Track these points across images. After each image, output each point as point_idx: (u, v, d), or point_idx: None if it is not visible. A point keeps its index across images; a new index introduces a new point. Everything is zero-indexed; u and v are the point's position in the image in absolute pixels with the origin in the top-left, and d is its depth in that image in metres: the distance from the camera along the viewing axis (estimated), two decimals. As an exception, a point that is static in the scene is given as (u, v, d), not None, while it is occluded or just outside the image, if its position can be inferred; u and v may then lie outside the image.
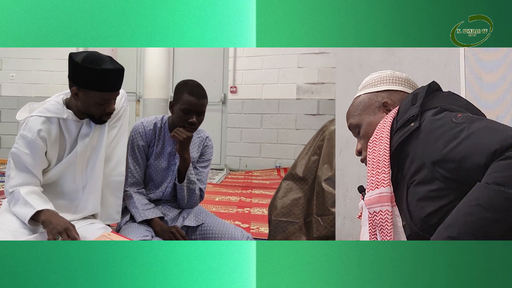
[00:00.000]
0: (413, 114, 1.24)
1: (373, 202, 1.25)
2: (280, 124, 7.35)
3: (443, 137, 1.14)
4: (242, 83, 7.61)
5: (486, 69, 2.12)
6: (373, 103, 1.40)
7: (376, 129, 1.32)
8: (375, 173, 1.26)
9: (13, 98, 7.46)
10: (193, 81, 2.12)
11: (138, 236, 1.96)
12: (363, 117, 1.40)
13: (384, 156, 1.25)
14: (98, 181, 1.98)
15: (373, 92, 1.41)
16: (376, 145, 1.29)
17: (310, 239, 2.15)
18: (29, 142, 1.84)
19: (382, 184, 1.24)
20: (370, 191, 1.27)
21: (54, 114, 1.89)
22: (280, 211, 2.28)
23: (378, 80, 1.42)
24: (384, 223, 1.24)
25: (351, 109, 1.44)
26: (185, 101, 2.05)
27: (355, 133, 1.44)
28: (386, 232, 1.24)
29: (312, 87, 7.13)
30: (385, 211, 1.23)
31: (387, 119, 1.31)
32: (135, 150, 2.20)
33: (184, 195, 2.20)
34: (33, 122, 1.86)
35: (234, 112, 7.67)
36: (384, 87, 1.40)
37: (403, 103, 1.32)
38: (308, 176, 2.30)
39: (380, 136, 1.29)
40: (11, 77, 7.99)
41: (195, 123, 2.07)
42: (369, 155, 1.30)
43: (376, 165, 1.26)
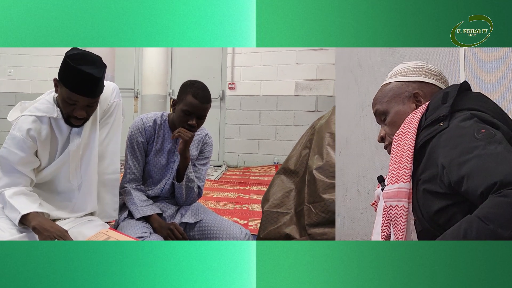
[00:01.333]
0: (443, 114, 1.24)
1: (391, 196, 1.25)
2: (278, 121, 7.35)
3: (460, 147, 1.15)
4: (240, 79, 7.60)
5: (485, 69, 2.12)
6: (403, 92, 1.39)
7: (404, 123, 1.32)
8: (396, 167, 1.26)
9: (10, 94, 7.45)
10: (200, 83, 2.10)
11: (137, 233, 1.96)
12: (392, 105, 1.40)
13: (408, 151, 1.25)
14: (93, 180, 1.97)
15: (404, 81, 1.40)
16: (401, 139, 1.29)
17: (301, 227, 2.15)
18: (19, 141, 1.82)
19: (402, 179, 1.24)
20: (390, 184, 1.27)
21: (44, 114, 1.86)
22: (272, 203, 2.29)
23: (410, 70, 1.41)
24: (398, 219, 1.24)
25: (379, 95, 1.44)
26: (188, 103, 2.04)
27: (380, 120, 1.44)
28: (400, 227, 1.24)
29: (311, 84, 7.13)
30: (401, 207, 1.23)
31: (416, 115, 1.31)
32: (134, 147, 2.20)
33: (183, 193, 2.20)
34: (23, 121, 1.84)
35: (233, 109, 7.67)
36: (416, 78, 1.39)
37: (433, 101, 1.32)
38: (299, 169, 2.31)
39: (407, 131, 1.29)
40: (9, 73, 7.99)
41: (194, 126, 2.06)
42: (394, 148, 1.30)
43: (399, 159, 1.26)
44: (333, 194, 2.12)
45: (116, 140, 2.07)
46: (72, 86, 1.72)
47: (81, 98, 1.74)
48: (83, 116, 1.79)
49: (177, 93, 2.13)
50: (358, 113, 2.97)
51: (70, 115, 1.79)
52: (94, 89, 1.75)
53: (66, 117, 1.82)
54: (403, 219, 1.24)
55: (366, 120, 2.94)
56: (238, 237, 2.08)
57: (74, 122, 1.82)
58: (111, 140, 2.05)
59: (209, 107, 2.10)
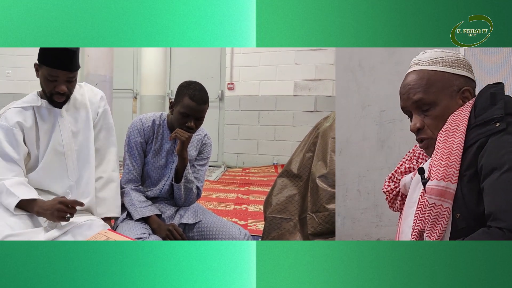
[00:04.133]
0: (499, 114, 1.23)
1: (436, 193, 1.23)
2: (277, 121, 7.35)
3: (497, 158, 1.17)
4: (239, 79, 7.60)
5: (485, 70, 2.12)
6: (452, 86, 1.33)
7: (451, 119, 1.30)
8: (444, 164, 1.24)
9: (9, 95, 7.42)
10: (196, 84, 2.09)
11: (136, 234, 1.95)
12: (441, 97, 1.33)
13: (458, 150, 1.24)
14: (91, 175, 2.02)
15: (451, 73, 1.34)
16: (449, 136, 1.27)
17: (305, 235, 2.15)
18: (6, 129, 1.92)
19: (450, 179, 1.23)
20: (436, 180, 1.24)
21: (28, 104, 1.99)
22: (275, 208, 2.28)
23: (455, 61, 1.35)
24: (440, 219, 1.23)
25: (421, 82, 1.35)
26: (185, 105, 2.03)
27: (420, 109, 1.35)
28: (440, 227, 1.22)
29: (310, 84, 7.13)
30: (445, 208, 1.22)
31: (464, 112, 1.29)
32: (132, 147, 2.19)
33: (182, 194, 2.20)
34: (9, 113, 1.96)
35: (232, 109, 7.67)
36: (462, 72, 1.34)
37: (480, 100, 1.30)
38: (302, 173, 2.29)
39: (455, 129, 1.27)
40: (7, 74, 7.97)
41: (192, 127, 2.06)
42: (440, 143, 1.27)
43: (447, 156, 1.24)
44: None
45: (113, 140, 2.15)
46: (51, 62, 1.86)
47: (60, 72, 1.87)
48: (64, 91, 1.90)
49: (175, 95, 2.13)
50: (358, 113, 2.97)
51: (53, 92, 1.92)
52: (70, 62, 1.88)
53: (49, 96, 1.94)
54: (445, 221, 1.22)
55: (366, 120, 2.94)
56: (237, 238, 2.08)
57: (57, 99, 1.93)
58: (108, 140, 2.12)
59: (207, 108, 2.09)
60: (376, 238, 2.82)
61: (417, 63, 1.37)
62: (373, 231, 2.82)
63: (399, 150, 2.70)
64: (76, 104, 2.05)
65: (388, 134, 2.77)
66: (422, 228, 1.26)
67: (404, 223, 1.36)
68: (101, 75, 5.81)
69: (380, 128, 2.84)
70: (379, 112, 2.84)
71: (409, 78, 1.37)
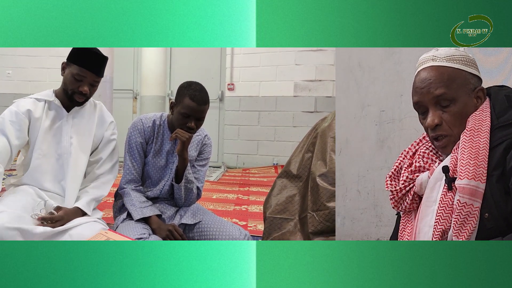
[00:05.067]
0: None
1: (467, 192, 1.23)
2: (277, 122, 7.35)
3: None
4: (239, 80, 7.60)
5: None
6: (468, 84, 1.33)
7: (474, 119, 1.30)
8: (473, 163, 1.24)
9: (9, 95, 7.42)
10: (197, 85, 2.10)
11: (136, 234, 1.95)
12: (460, 94, 1.33)
13: (485, 150, 1.24)
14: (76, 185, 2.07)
15: (468, 72, 1.34)
16: (474, 135, 1.27)
17: (305, 234, 2.15)
18: (16, 114, 1.99)
19: (480, 178, 1.23)
20: (467, 179, 1.24)
21: (42, 97, 2.07)
22: (275, 209, 2.28)
23: (469, 60, 1.35)
24: (470, 219, 1.22)
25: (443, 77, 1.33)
26: (185, 106, 2.04)
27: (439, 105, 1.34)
28: (470, 227, 1.22)
29: (310, 85, 7.13)
30: (475, 207, 1.22)
31: (485, 113, 1.30)
32: (133, 147, 2.19)
33: (182, 195, 2.20)
34: (21, 101, 2.06)
35: (232, 110, 7.67)
36: (476, 72, 1.35)
37: (497, 102, 1.31)
38: (302, 174, 2.29)
39: (480, 128, 1.27)
40: (7, 74, 7.97)
41: (193, 128, 2.06)
42: (466, 143, 1.27)
43: (475, 156, 1.24)
44: (337, 202, 2.13)
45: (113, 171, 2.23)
46: (83, 63, 1.98)
47: (89, 73, 1.99)
48: (86, 91, 2.01)
49: (175, 95, 2.14)
50: (358, 113, 2.97)
51: (75, 91, 2.01)
52: (100, 67, 2.04)
53: (70, 94, 2.02)
54: (475, 221, 1.22)
55: (366, 120, 2.94)
56: (237, 238, 2.08)
57: (77, 99, 2.03)
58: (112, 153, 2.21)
59: (207, 108, 2.10)
60: (375, 238, 2.82)
61: (433, 58, 1.36)
62: (373, 231, 2.82)
63: (399, 150, 2.69)
64: (84, 115, 2.12)
65: (387, 134, 2.77)
66: (446, 227, 1.26)
67: (422, 222, 1.35)
68: (101, 75, 5.80)
69: (380, 128, 2.84)
70: (378, 112, 2.84)
71: (427, 73, 1.35)
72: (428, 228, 1.31)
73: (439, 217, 1.28)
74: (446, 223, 1.26)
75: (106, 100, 5.72)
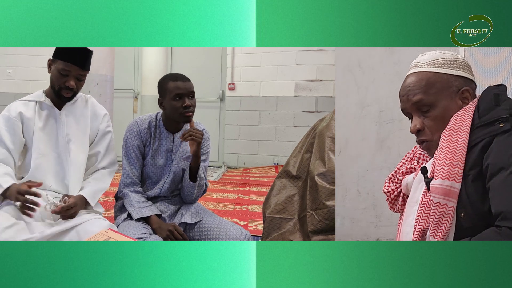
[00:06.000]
0: (504, 115, 1.24)
1: (440, 192, 1.24)
2: (278, 121, 7.35)
3: (505, 159, 1.17)
4: (240, 80, 7.60)
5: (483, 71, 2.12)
6: (451, 87, 1.34)
7: (455, 120, 1.30)
8: (448, 163, 1.24)
9: (10, 95, 7.42)
10: (172, 72, 2.13)
11: (136, 234, 1.95)
12: (439, 98, 1.34)
13: (462, 150, 1.24)
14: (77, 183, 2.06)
15: (450, 74, 1.35)
16: (453, 136, 1.27)
17: (305, 233, 2.15)
18: (7, 119, 2.00)
19: (455, 178, 1.23)
20: (440, 179, 1.25)
21: (32, 98, 2.07)
22: (274, 208, 2.28)
23: (454, 62, 1.36)
24: (445, 218, 1.23)
25: (420, 83, 1.36)
26: (173, 88, 2.08)
27: (419, 111, 1.36)
28: (445, 227, 1.23)
29: (310, 84, 7.13)
30: (450, 207, 1.22)
31: (468, 113, 1.29)
32: (130, 150, 2.19)
33: (194, 192, 2.20)
34: (13, 105, 2.05)
35: (232, 109, 7.66)
36: (461, 73, 1.35)
37: (484, 101, 1.31)
38: (301, 174, 2.30)
39: (459, 128, 1.27)
40: (8, 73, 7.97)
41: (190, 105, 2.08)
42: (444, 143, 1.28)
43: (451, 155, 1.25)
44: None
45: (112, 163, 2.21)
46: (67, 57, 1.96)
47: (74, 67, 1.97)
48: (73, 86, 2.00)
49: (159, 93, 2.18)
50: (358, 113, 2.97)
51: (62, 87, 1.99)
52: (85, 60, 2.01)
53: (57, 91, 2.01)
54: (449, 220, 1.23)
55: (366, 120, 2.94)
56: (237, 238, 2.08)
57: (65, 94, 2.01)
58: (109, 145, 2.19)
59: (192, 85, 2.13)
60: (375, 238, 2.82)
61: (416, 65, 1.39)
62: (372, 231, 2.83)
63: (399, 150, 2.71)
64: (77, 111, 2.11)
65: (387, 134, 2.78)
66: (425, 227, 1.27)
67: (405, 223, 1.37)
68: (102, 74, 5.81)
69: (380, 128, 2.84)
70: (378, 112, 2.85)
71: (408, 80, 1.38)
72: (410, 228, 1.32)
73: (418, 217, 1.29)
74: (425, 223, 1.27)
75: (107, 100, 5.72)
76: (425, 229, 1.27)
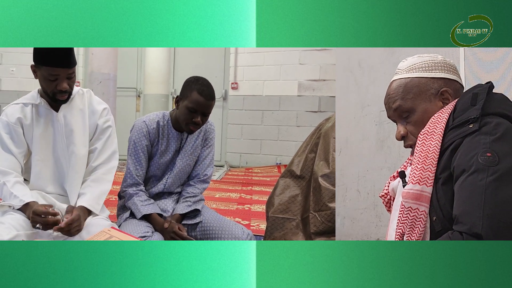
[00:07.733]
0: (474, 116, 1.22)
1: (411, 197, 1.23)
2: (281, 121, 7.34)
3: (466, 161, 1.16)
4: (243, 79, 7.60)
5: (485, 69, 2.11)
6: (429, 89, 1.34)
7: (430, 122, 1.30)
8: (420, 167, 1.24)
9: (13, 93, 7.42)
10: (204, 80, 2.08)
11: (139, 232, 1.95)
12: (418, 102, 1.35)
13: (434, 153, 1.24)
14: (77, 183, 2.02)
15: (428, 77, 1.35)
16: (427, 139, 1.27)
17: (307, 234, 2.15)
18: (7, 125, 1.96)
19: (426, 182, 1.23)
20: (411, 184, 1.25)
21: (28, 101, 2.00)
22: (277, 208, 2.28)
23: (432, 64, 1.36)
24: (417, 222, 1.23)
25: (398, 90, 1.37)
26: (193, 100, 2.02)
27: (400, 117, 1.38)
28: (417, 231, 1.23)
29: (314, 84, 7.13)
30: (421, 211, 1.22)
31: (443, 114, 1.29)
32: (138, 151, 2.16)
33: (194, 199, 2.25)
34: (10, 109, 2.00)
35: (235, 109, 7.67)
36: (440, 74, 1.35)
37: (461, 101, 1.30)
38: (305, 174, 2.29)
39: (433, 131, 1.27)
40: (11, 71, 7.99)
41: (199, 123, 2.05)
42: (418, 147, 1.28)
43: (423, 160, 1.24)
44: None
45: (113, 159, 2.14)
46: (51, 61, 1.85)
47: (61, 70, 1.87)
48: (66, 88, 1.92)
49: (181, 89, 2.11)
50: (358, 113, 2.97)
51: (55, 91, 1.92)
52: (69, 59, 1.89)
53: (52, 96, 1.94)
54: (422, 224, 1.22)
55: (366, 120, 2.94)
56: (240, 238, 2.07)
57: (60, 98, 1.94)
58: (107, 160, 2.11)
59: (214, 104, 2.09)
60: (375, 238, 2.82)
61: (396, 72, 1.40)
62: (373, 231, 2.82)
63: (399, 150, 2.70)
64: (74, 110, 2.04)
65: (387, 134, 2.77)
66: (403, 232, 1.27)
67: (390, 227, 1.37)
68: (105, 73, 5.83)
69: (380, 128, 2.84)
70: (378, 112, 2.84)
71: (389, 88, 1.40)
72: (393, 232, 1.32)
73: (398, 221, 1.29)
74: (403, 227, 1.27)
75: (110, 98, 5.73)
76: (403, 233, 1.27)
